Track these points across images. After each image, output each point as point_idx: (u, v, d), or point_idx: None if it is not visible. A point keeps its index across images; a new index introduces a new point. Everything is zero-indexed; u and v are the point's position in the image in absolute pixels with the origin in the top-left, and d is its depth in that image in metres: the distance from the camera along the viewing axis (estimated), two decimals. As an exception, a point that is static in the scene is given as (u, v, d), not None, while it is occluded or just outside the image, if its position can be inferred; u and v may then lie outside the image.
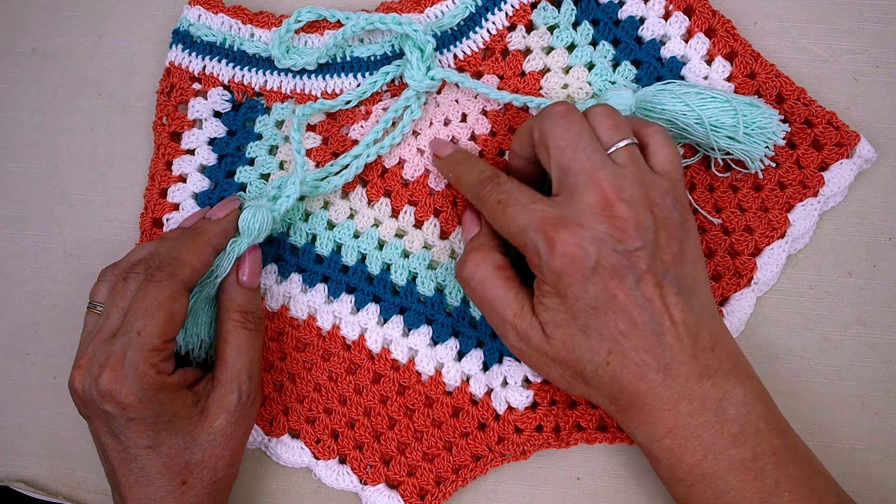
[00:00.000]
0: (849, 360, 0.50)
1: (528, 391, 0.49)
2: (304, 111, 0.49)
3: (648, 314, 0.41)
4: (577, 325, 0.41)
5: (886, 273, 0.50)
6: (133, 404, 0.42)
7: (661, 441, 0.42)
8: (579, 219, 0.40)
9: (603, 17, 0.50)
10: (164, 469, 0.44)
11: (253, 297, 0.47)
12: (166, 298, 0.43)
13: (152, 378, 0.42)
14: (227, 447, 0.45)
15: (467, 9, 0.50)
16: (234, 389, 0.45)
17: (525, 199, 0.42)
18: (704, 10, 0.50)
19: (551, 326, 0.42)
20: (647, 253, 0.40)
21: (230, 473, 0.46)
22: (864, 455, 0.49)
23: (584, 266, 0.40)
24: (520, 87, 0.51)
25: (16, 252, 0.56)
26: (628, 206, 0.40)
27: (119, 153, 0.56)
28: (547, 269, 0.41)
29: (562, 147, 0.42)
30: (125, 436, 0.43)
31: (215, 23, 0.52)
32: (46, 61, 0.57)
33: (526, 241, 0.41)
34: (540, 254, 0.41)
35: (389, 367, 0.50)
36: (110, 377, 0.42)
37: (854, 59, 0.51)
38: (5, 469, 0.55)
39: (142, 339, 0.42)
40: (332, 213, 0.51)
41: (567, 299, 0.41)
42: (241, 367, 0.46)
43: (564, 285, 0.41)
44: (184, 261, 0.44)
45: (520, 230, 0.42)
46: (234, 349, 0.46)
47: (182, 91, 0.52)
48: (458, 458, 0.50)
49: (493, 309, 0.44)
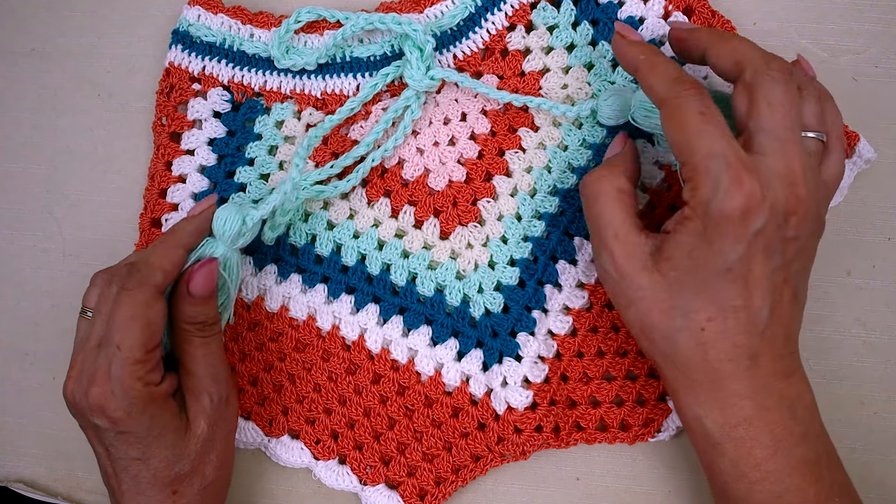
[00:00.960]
0: (848, 360, 0.50)
1: (527, 391, 0.49)
2: (316, 133, 0.49)
3: (767, 303, 0.39)
4: (697, 277, 0.39)
5: (886, 273, 0.50)
6: (123, 419, 0.42)
7: (735, 429, 0.40)
8: (767, 179, 0.38)
9: (602, 17, 0.50)
10: (154, 480, 0.43)
11: (203, 308, 0.45)
12: (140, 308, 0.42)
13: (139, 391, 0.42)
14: (212, 451, 0.45)
15: (467, 9, 0.50)
16: (203, 396, 0.45)
17: (726, 127, 0.39)
18: (704, 10, 0.50)
19: (668, 264, 0.39)
20: (796, 247, 0.40)
21: (220, 476, 0.46)
22: (864, 455, 0.49)
23: (751, 224, 0.38)
24: (519, 87, 0.51)
25: (15, 252, 0.56)
26: (807, 193, 0.39)
27: (118, 153, 0.56)
28: (716, 206, 0.38)
29: (774, 107, 0.39)
30: (115, 448, 0.43)
31: (215, 23, 0.52)
32: (46, 61, 0.57)
33: (709, 167, 0.38)
34: (718, 188, 0.37)
35: (389, 368, 0.50)
36: (98, 392, 0.41)
37: (853, 59, 0.51)
38: (5, 469, 0.55)
39: (123, 354, 0.41)
40: (332, 213, 0.51)
41: (709, 246, 0.38)
42: (204, 373, 0.45)
43: (719, 232, 0.38)
44: (153, 265, 0.43)
45: (710, 154, 0.38)
46: (191, 358, 0.45)
47: (182, 91, 0.52)
48: (457, 459, 0.50)
49: (599, 225, 0.42)
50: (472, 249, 0.50)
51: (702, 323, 0.39)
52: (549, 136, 0.50)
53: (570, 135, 0.50)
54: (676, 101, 0.40)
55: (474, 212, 0.51)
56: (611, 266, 0.42)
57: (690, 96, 0.40)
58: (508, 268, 0.50)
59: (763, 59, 0.40)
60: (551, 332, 0.50)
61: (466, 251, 0.50)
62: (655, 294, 0.40)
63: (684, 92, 0.40)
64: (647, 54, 0.43)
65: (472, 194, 0.51)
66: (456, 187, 0.51)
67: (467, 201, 0.51)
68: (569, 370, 0.49)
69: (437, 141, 0.51)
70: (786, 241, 0.39)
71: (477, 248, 0.50)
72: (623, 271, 0.41)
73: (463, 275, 0.50)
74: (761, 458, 0.40)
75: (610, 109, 0.48)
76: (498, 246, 0.50)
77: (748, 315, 0.39)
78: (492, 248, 0.50)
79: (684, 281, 0.39)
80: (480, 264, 0.50)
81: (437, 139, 0.51)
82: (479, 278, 0.50)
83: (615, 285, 0.42)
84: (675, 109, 0.40)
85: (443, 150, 0.51)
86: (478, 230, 0.50)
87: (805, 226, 0.39)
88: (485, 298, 0.50)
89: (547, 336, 0.50)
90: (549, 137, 0.50)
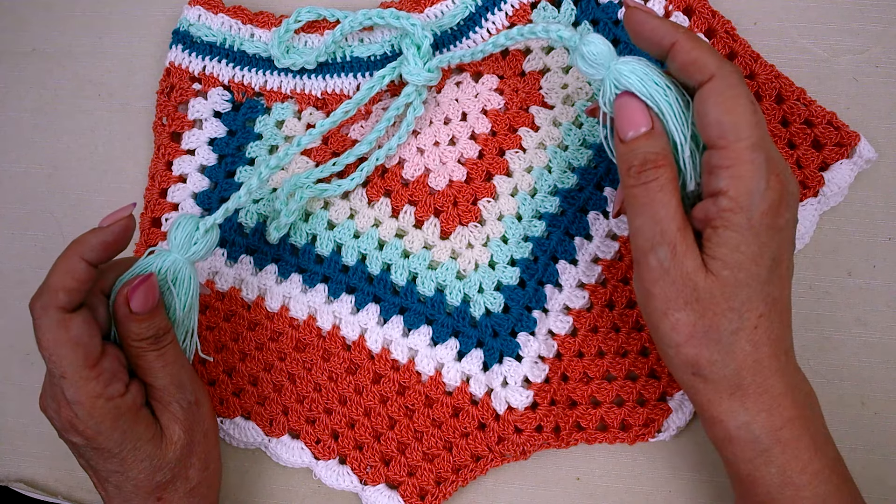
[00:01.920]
0: (848, 360, 0.50)
1: (528, 391, 0.49)
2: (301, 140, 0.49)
3: (789, 292, 0.39)
4: (748, 272, 0.38)
5: (886, 273, 0.50)
6: (94, 437, 0.41)
7: (781, 431, 0.39)
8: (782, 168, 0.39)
9: (602, 17, 0.50)
10: (136, 489, 0.43)
11: (148, 323, 0.42)
12: (55, 332, 0.40)
13: (103, 407, 0.40)
14: (192, 454, 0.44)
15: (467, 9, 0.50)
16: (171, 404, 0.44)
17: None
18: (704, 10, 0.50)
19: (718, 263, 0.38)
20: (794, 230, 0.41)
21: (206, 477, 0.45)
22: (864, 455, 0.49)
23: (785, 213, 0.38)
24: (519, 87, 0.51)
25: (16, 252, 0.56)
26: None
27: (119, 153, 0.56)
28: (762, 199, 0.37)
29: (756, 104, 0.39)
30: (94, 461, 0.43)
31: (215, 23, 0.52)
32: (47, 61, 0.57)
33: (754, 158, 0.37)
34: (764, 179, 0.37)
35: (389, 368, 0.50)
36: (66, 415, 0.41)
37: (854, 59, 0.51)
38: (5, 469, 0.55)
39: (69, 380, 0.40)
40: (333, 213, 0.51)
41: (756, 239, 0.37)
42: (166, 383, 0.43)
43: (766, 224, 0.37)
44: (52, 286, 0.40)
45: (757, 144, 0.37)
46: (150, 371, 0.43)
47: (182, 91, 0.52)
48: (458, 459, 0.50)
49: (653, 218, 0.39)
50: (472, 249, 0.50)
51: (755, 321, 0.38)
52: (550, 136, 0.50)
53: (570, 134, 0.50)
54: (731, 81, 0.38)
55: (475, 212, 0.51)
56: (671, 263, 0.38)
57: (742, 80, 0.38)
58: (509, 268, 0.50)
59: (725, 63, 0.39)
60: (552, 331, 0.50)
61: (467, 251, 0.50)
62: (713, 296, 0.38)
63: (733, 73, 0.38)
64: (681, 27, 0.40)
65: (473, 194, 0.51)
66: (456, 187, 0.51)
67: (468, 201, 0.51)
68: (569, 370, 0.49)
69: (437, 141, 0.51)
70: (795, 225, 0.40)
71: (477, 248, 0.50)
72: (685, 269, 0.38)
73: (463, 275, 0.50)
74: (807, 460, 0.39)
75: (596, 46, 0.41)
76: (498, 246, 0.50)
77: (783, 307, 0.39)
78: (492, 248, 0.50)
79: (737, 279, 0.38)
80: (481, 264, 0.50)
81: (438, 139, 0.51)
82: (480, 278, 0.50)
83: (672, 287, 0.38)
84: (729, 88, 0.37)
85: (443, 150, 0.51)
86: (478, 230, 0.50)
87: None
88: (485, 298, 0.50)
89: (547, 336, 0.50)
90: (549, 137, 0.50)
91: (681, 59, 0.39)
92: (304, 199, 0.49)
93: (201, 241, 0.44)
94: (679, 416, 0.49)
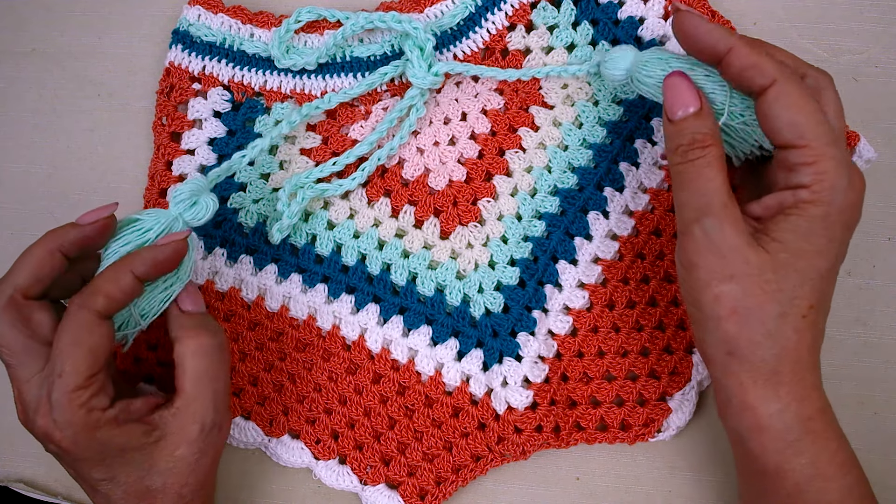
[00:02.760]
0: (848, 360, 0.50)
1: (527, 391, 0.49)
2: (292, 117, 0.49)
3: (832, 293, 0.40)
4: (809, 262, 0.38)
5: (886, 273, 0.50)
6: (70, 448, 0.40)
7: (812, 421, 0.39)
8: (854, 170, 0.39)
9: (602, 17, 0.50)
10: (125, 496, 0.42)
11: (205, 318, 0.44)
12: (82, 333, 0.40)
13: (82, 418, 0.40)
14: (191, 475, 0.43)
15: (467, 9, 0.50)
16: (195, 421, 0.42)
17: None
18: (704, 10, 0.50)
19: (778, 245, 0.38)
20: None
21: (201, 496, 0.44)
22: (864, 455, 0.49)
23: (857, 216, 0.39)
24: (519, 87, 0.51)
25: (16, 252, 0.56)
26: None
27: (119, 153, 0.56)
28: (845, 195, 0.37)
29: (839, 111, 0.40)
30: (79, 472, 0.42)
31: (215, 23, 0.52)
32: (46, 61, 0.57)
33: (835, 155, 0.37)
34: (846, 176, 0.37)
35: (389, 368, 0.50)
36: (43, 423, 0.40)
37: (854, 59, 0.51)
38: (5, 469, 0.55)
39: (64, 380, 0.39)
40: (332, 213, 0.51)
41: (829, 233, 0.38)
42: (205, 399, 0.42)
43: (842, 221, 0.38)
44: (98, 288, 0.41)
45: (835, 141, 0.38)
46: (194, 379, 0.42)
47: (182, 91, 0.52)
48: (458, 459, 0.50)
49: (700, 191, 0.39)
50: (472, 249, 0.50)
51: (804, 310, 0.38)
52: (550, 136, 0.50)
53: (570, 135, 0.50)
54: (793, 81, 0.38)
55: (474, 211, 0.51)
56: (718, 234, 0.38)
57: (798, 79, 0.39)
58: (509, 268, 0.50)
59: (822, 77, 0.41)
60: (551, 332, 0.50)
61: (467, 251, 0.50)
62: (763, 273, 0.38)
63: (793, 75, 0.39)
64: (734, 32, 0.40)
65: (473, 194, 0.51)
66: (456, 187, 0.51)
67: (467, 201, 0.51)
68: (569, 370, 0.49)
69: (437, 140, 0.51)
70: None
71: (477, 248, 0.50)
72: (733, 242, 0.38)
73: (463, 274, 0.50)
74: (834, 450, 0.39)
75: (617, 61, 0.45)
76: (498, 246, 0.50)
77: (828, 306, 0.40)
78: (492, 248, 0.50)
79: (795, 265, 0.38)
80: (481, 264, 0.50)
81: (438, 139, 0.51)
82: (480, 278, 0.50)
83: (718, 258, 0.38)
84: (794, 88, 0.38)
85: (443, 150, 0.51)
86: (478, 230, 0.50)
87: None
88: (485, 298, 0.50)
89: (547, 336, 0.50)
90: (549, 137, 0.50)
91: (739, 63, 0.39)
92: (306, 200, 0.49)
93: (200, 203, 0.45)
94: (679, 416, 0.49)
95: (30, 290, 0.42)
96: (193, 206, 0.45)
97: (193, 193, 0.45)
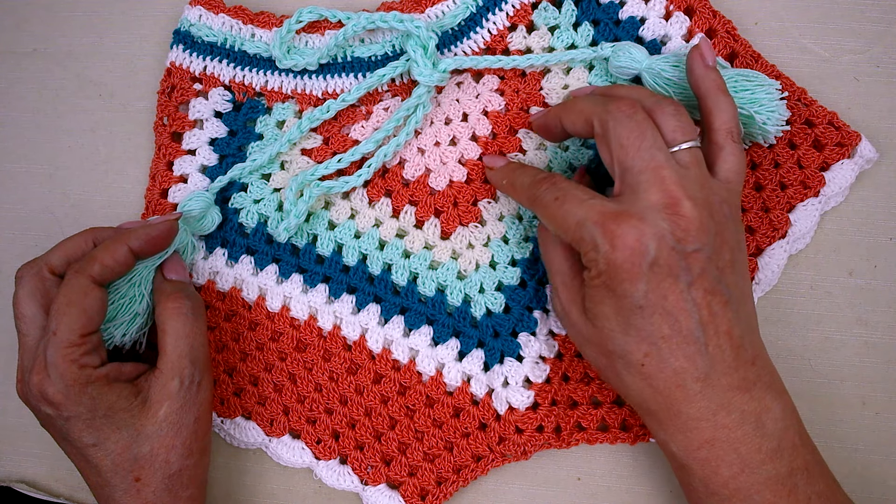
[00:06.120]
0: (850, 360, 0.50)
1: (529, 391, 0.49)
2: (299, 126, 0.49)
3: (695, 321, 0.40)
4: (618, 321, 0.41)
5: (887, 273, 0.50)
6: (62, 402, 0.42)
7: (697, 452, 0.41)
8: (642, 214, 0.39)
9: (604, 18, 0.50)
10: (114, 467, 0.43)
11: (183, 285, 0.48)
12: (77, 295, 0.43)
13: (74, 373, 0.42)
14: (177, 436, 0.44)
15: (468, 9, 0.50)
16: (174, 376, 0.45)
17: (584, 194, 0.41)
18: (705, 10, 0.50)
19: (594, 316, 0.42)
20: (704, 256, 0.40)
21: (187, 465, 0.45)
22: (866, 455, 0.49)
23: (642, 262, 0.39)
24: (520, 88, 0.51)
25: (17, 252, 0.56)
26: (693, 206, 0.40)
27: (120, 153, 0.56)
28: (604, 262, 0.40)
29: (625, 146, 0.41)
30: (70, 436, 0.43)
31: (216, 23, 0.52)
32: (47, 62, 0.57)
33: (583, 235, 0.40)
34: (598, 247, 0.40)
35: (390, 368, 0.50)
36: (37, 379, 0.43)
37: (855, 59, 0.51)
38: (6, 469, 0.55)
39: (58, 338, 0.42)
40: (333, 213, 0.51)
41: (615, 294, 0.40)
42: (181, 352, 0.45)
43: (617, 280, 0.40)
44: (94, 256, 0.44)
45: (578, 224, 0.40)
46: (173, 337, 0.45)
47: (183, 91, 0.52)
48: (458, 459, 0.50)
49: (548, 271, 0.46)
50: (473, 249, 0.50)
51: (640, 360, 0.41)
52: (551, 136, 0.50)
53: (571, 135, 0.50)
54: (536, 202, 0.44)
55: (475, 212, 0.51)
56: (560, 311, 0.45)
57: (544, 191, 0.43)
58: (510, 268, 0.50)
59: (602, 105, 0.42)
60: (553, 332, 0.50)
61: (467, 251, 0.50)
62: (596, 343, 0.43)
63: (539, 191, 0.43)
64: (507, 175, 0.47)
65: (473, 194, 0.51)
66: (457, 187, 0.51)
67: (468, 201, 0.51)
68: (570, 370, 0.49)
69: (438, 141, 0.51)
70: (688, 257, 0.40)
71: (478, 248, 0.50)
72: (571, 318, 0.44)
73: (464, 275, 0.50)
74: (728, 477, 0.41)
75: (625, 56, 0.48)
76: (499, 246, 0.50)
77: (681, 340, 0.40)
78: (493, 248, 0.50)
79: (612, 328, 0.41)
80: (482, 264, 0.50)
81: (439, 139, 0.51)
82: (481, 278, 0.50)
83: (569, 329, 0.45)
84: (538, 207, 0.43)
85: (444, 150, 0.51)
86: (479, 230, 0.50)
87: (703, 235, 0.40)
88: (486, 298, 0.50)
89: (548, 336, 0.50)
90: (550, 137, 0.50)
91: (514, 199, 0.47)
92: (312, 198, 0.49)
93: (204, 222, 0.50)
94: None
95: (58, 268, 0.45)
96: (201, 220, 0.50)
97: (202, 211, 0.50)
